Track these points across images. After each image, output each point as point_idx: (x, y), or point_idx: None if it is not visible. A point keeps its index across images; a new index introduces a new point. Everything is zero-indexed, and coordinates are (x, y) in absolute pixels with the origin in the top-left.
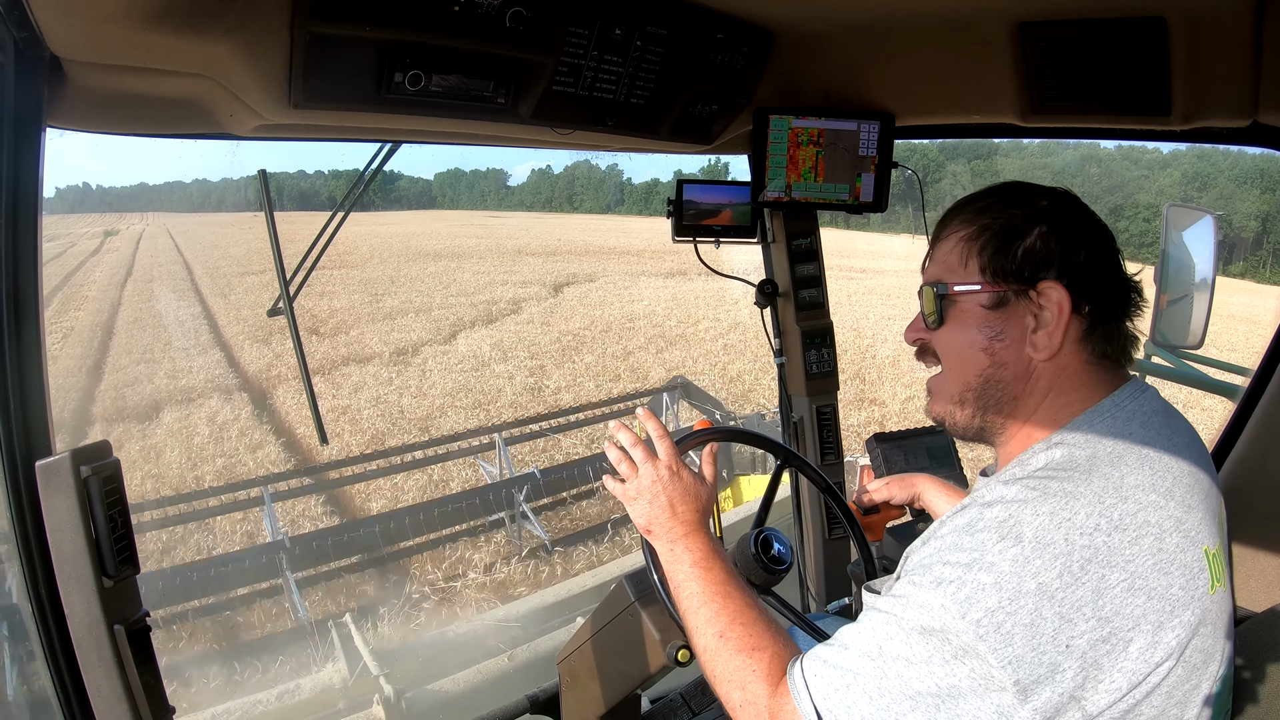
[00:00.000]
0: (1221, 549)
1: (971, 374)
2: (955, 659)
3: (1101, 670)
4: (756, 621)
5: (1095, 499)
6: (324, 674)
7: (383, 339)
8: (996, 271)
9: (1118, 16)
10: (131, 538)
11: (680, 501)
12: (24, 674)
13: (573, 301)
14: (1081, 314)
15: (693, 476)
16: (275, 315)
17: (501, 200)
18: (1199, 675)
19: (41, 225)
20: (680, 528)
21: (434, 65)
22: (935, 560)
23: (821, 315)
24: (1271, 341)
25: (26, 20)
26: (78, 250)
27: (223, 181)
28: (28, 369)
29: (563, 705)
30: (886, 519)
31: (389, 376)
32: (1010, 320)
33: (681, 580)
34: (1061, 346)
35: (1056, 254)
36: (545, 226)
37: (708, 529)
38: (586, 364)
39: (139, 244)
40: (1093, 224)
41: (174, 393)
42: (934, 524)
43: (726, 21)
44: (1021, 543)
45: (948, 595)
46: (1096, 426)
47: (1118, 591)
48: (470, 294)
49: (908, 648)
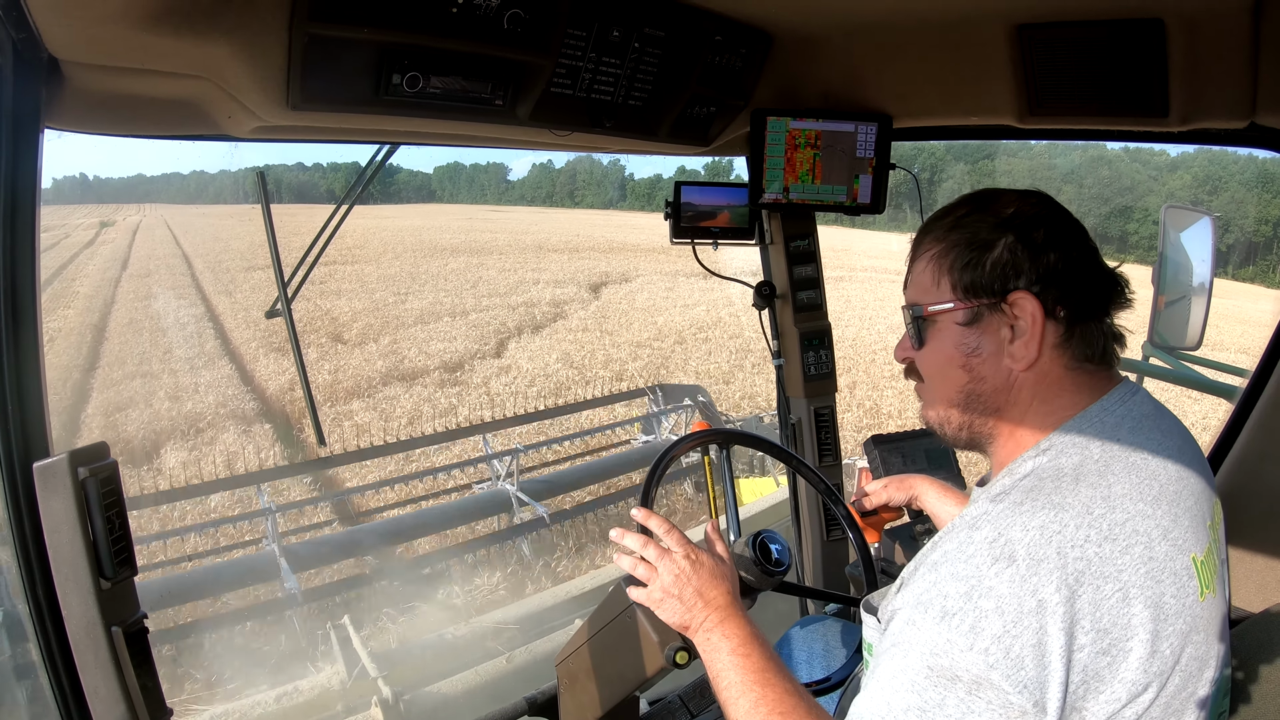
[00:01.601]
0: (1211, 554)
1: (953, 390)
2: (970, 694)
3: (1102, 681)
4: (796, 709)
5: (1084, 509)
6: (322, 676)
7: (421, 348)
8: (967, 288)
9: (1115, 18)
10: (129, 539)
11: (709, 587)
12: (21, 675)
13: (620, 304)
14: (1057, 319)
15: (712, 558)
16: (274, 317)
17: (501, 195)
18: (1195, 683)
19: (39, 227)
20: (715, 614)
21: (432, 67)
22: (934, 594)
23: (819, 317)
24: (1269, 343)
25: (25, 21)
26: (72, 242)
27: (220, 174)
28: (25, 370)
29: (561, 707)
30: (884, 521)
31: (449, 403)
32: (986, 334)
33: (720, 669)
34: (1039, 355)
35: (1025, 262)
36: (554, 222)
37: (742, 611)
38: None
39: (135, 235)
40: (1062, 225)
41: (177, 422)
42: (924, 549)
43: (724, 23)
44: (1015, 562)
45: (952, 629)
46: (1085, 432)
47: (1113, 602)
48: (502, 294)
49: (918, 696)
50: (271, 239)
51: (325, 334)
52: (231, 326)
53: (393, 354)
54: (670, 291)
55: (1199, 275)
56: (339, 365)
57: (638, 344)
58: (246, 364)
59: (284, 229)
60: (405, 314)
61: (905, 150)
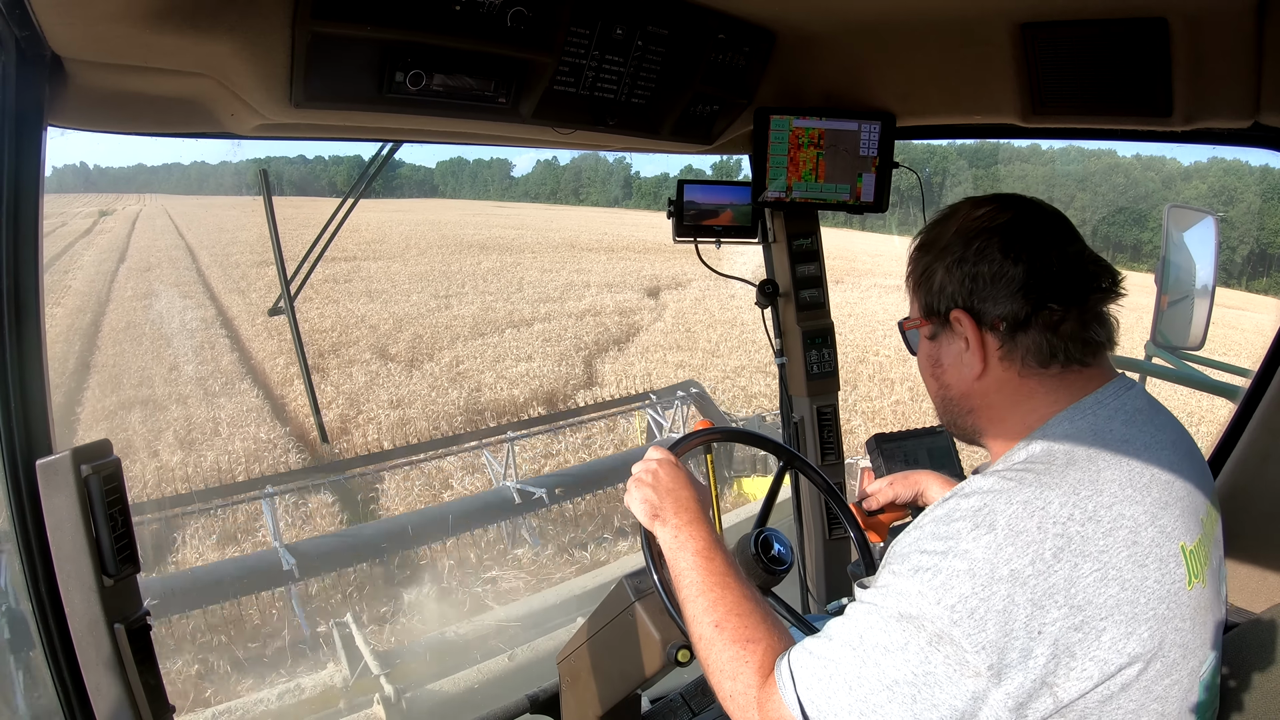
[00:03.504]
0: (1203, 547)
1: (934, 393)
2: (930, 645)
3: (1074, 658)
4: (752, 614)
5: (1070, 490)
6: (325, 674)
7: (495, 370)
8: (925, 308)
9: (1119, 17)
10: (132, 536)
11: (682, 488)
12: (25, 673)
13: (694, 314)
14: (997, 331)
15: (682, 470)
16: (276, 315)
17: (505, 191)
18: (1178, 671)
19: (43, 225)
20: (684, 514)
21: (435, 65)
22: (914, 549)
23: (822, 315)
24: (1271, 344)
25: (28, 19)
26: (69, 230)
27: (221, 165)
28: (28, 368)
29: (563, 705)
30: (891, 520)
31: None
32: (944, 348)
33: (683, 569)
34: (985, 365)
35: (958, 283)
36: (570, 218)
37: (709, 521)
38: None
39: (134, 225)
40: (1009, 236)
41: (193, 483)
42: (919, 515)
43: (728, 21)
44: (994, 530)
45: (924, 582)
46: (1077, 423)
47: (1090, 581)
48: (555, 298)
49: (885, 635)
50: (274, 238)
51: (367, 347)
52: (248, 335)
53: (461, 378)
54: (733, 300)
55: (1202, 275)
56: (400, 394)
57: (756, 368)
58: (273, 390)
59: (294, 221)
60: (456, 323)
61: (918, 154)
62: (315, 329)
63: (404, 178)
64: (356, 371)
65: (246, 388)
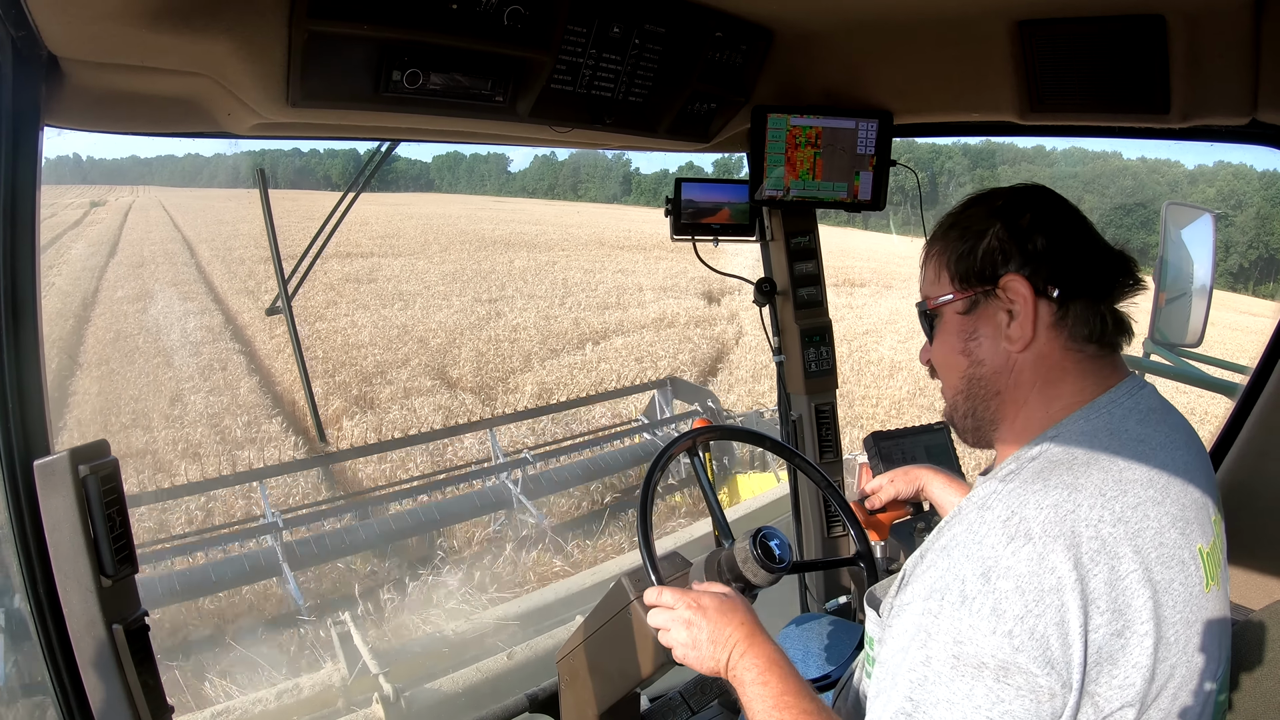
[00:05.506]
0: (1216, 548)
1: (956, 377)
2: (998, 681)
3: (1115, 664)
4: (816, 714)
5: (1096, 491)
6: (323, 673)
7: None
8: (963, 278)
9: (1117, 14)
10: (130, 537)
11: (720, 627)
12: (22, 673)
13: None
14: (1050, 298)
15: (714, 597)
16: (274, 314)
17: (502, 186)
18: (1201, 674)
19: (40, 225)
20: (735, 651)
21: (432, 64)
22: (949, 579)
23: (820, 313)
24: (1270, 340)
25: (24, 19)
26: (58, 221)
27: (215, 158)
28: (25, 368)
29: (562, 704)
30: (892, 518)
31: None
32: (983, 320)
33: (747, 702)
34: (1035, 334)
35: (1012, 246)
36: (578, 214)
37: (759, 635)
38: None
39: (127, 216)
40: (1052, 210)
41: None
42: (930, 537)
43: (725, 19)
44: (1032, 539)
45: (974, 613)
46: (1093, 421)
47: (1127, 584)
48: (615, 304)
49: (945, 689)
50: (272, 237)
51: (423, 369)
52: (268, 351)
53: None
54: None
55: (1200, 273)
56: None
57: (894, 401)
58: (300, 419)
59: (294, 213)
60: (520, 336)
61: (923, 155)
62: (351, 343)
63: (399, 172)
64: (422, 406)
65: (277, 435)
